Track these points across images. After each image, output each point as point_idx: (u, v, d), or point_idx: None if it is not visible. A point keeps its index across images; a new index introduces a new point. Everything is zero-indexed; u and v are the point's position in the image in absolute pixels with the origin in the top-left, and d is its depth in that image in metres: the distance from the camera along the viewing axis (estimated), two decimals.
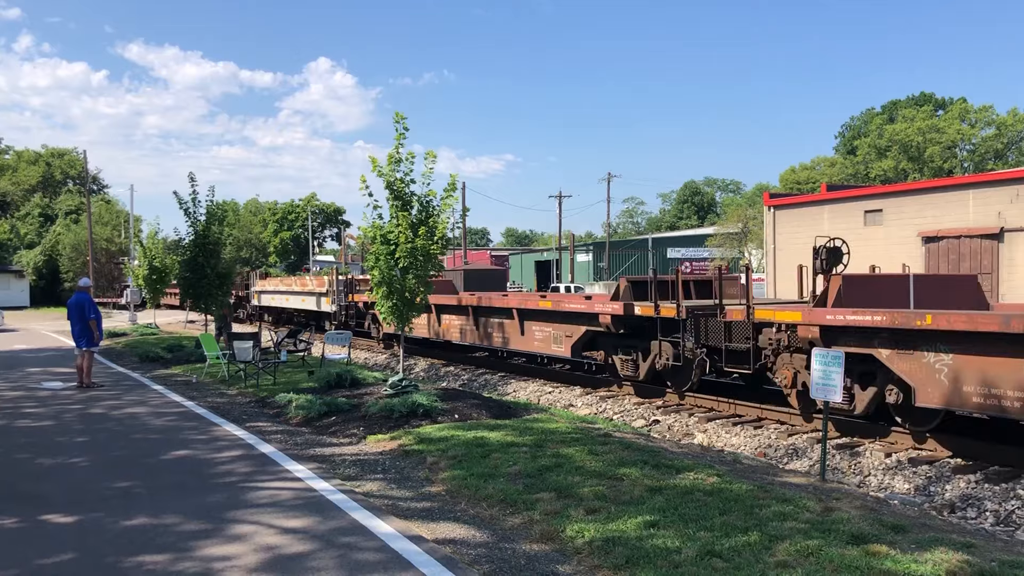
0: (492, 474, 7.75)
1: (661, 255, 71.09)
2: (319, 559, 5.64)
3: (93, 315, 15.51)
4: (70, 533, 6.33)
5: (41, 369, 18.90)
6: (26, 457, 9.19)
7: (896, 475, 9.36)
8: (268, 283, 35.54)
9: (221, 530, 6.33)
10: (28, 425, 11.33)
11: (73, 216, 68.57)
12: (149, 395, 14.32)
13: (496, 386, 16.88)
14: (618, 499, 6.78)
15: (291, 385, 14.58)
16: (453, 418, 10.91)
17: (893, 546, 5.55)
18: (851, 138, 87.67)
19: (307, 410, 11.65)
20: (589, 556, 5.59)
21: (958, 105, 77.58)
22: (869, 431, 10.77)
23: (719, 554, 5.42)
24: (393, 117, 12.42)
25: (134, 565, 5.56)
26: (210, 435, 10.46)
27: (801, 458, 10.36)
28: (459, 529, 6.37)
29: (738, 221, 58.34)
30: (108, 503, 7.19)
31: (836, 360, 8.21)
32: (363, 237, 13.18)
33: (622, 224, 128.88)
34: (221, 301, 21.24)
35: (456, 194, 12.77)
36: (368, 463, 8.81)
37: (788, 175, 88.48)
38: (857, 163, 79.93)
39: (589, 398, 14.77)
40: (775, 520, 6.15)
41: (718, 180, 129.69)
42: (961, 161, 74.21)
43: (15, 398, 13.99)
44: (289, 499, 7.25)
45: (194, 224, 20.32)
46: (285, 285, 32.60)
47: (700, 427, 12.20)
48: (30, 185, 79.78)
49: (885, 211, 26.96)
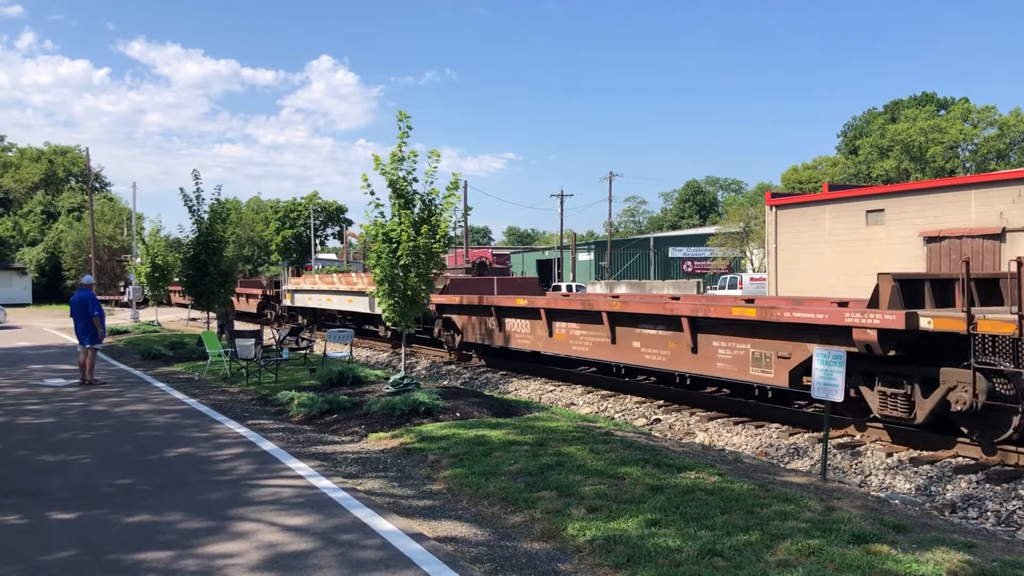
0: (493, 472, 7.76)
1: (663, 254, 71.14)
2: (321, 557, 5.65)
3: (96, 312, 15.54)
4: (72, 529, 6.35)
5: (44, 366, 18.93)
6: (28, 453, 9.21)
7: (897, 475, 9.37)
8: (304, 281, 31.73)
9: (223, 527, 6.34)
10: (31, 422, 11.35)
11: (75, 213, 68.71)
12: (151, 392, 14.34)
13: (497, 384, 16.89)
14: (619, 498, 6.79)
15: (293, 383, 14.59)
16: (455, 416, 10.92)
17: (894, 546, 5.56)
18: (853, 138, 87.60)
19: (309, 408, 11.67)
20: (590, 555, 5.60)
21: (960, 105, 77.52)
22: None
23: (720, 553, 5.43)
24: (397, 116, 12.42)
25: (136, 562, 5.57)
26: (212, 432, 10.47)
27: (802, 457, 10.37)
28: (460, 527, 6.38)
29: (740, 221, 58.33)
30: (110, 500, 7.21)
31: (837, 360, 8.20)
32: (365, 235, 13.18)
33: (624, 223, 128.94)
34: (223, 299, 21.25)
35: (458, 193, 12.78)
36: (370, 461, 8.82)
37: (790, 175, 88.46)
38: (859, 163, 79.87)
39: (590, 396, 14.77)
40: (776, 519, 6.16)
41: (720, 179, 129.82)
42: (963, 161, 74.16)
43: (18, 395, 14.02)
44: (291, 497, 7.26)
45: (198, 222, 20.33)
46: (326, 283, 29.08)
47: (701, 426, 12.21)
48: (33, 182, 79.87)
49: (887, 211, 26.93)
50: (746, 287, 40.46)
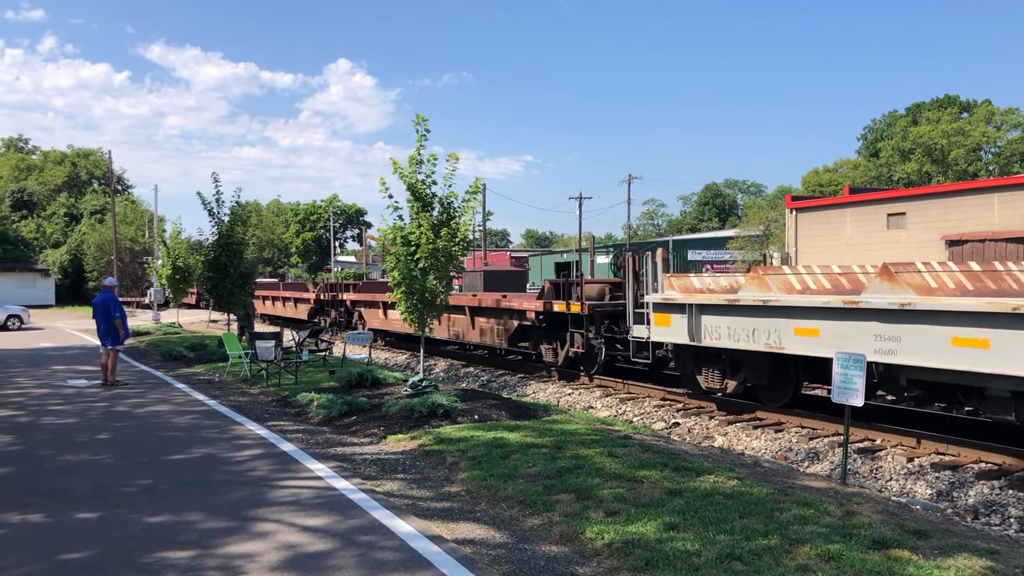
0: (511, 475, 7.77)
1: (682, 257, 70.80)
2: (340, 557, 5.68)
3: (118, 314, 15.68)
4: (94, 528, 6.41)
5: (66, 367, 19.13)
6: (51, 453, 9.31)
7: (918, 480, 9.29)
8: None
9: (243, 527, 6.39)
10: (54, 422, 11.47)
11: (98, 216, 69.28)
12: (172, 393, 14.46)
13: (515, 387, 16.89)
14: (637, 501, 6.78)
15: (312, 384, 14.66)
16: (472, 418, 10.93)
17: (915, 551, 5.51)
18: (874, 140, 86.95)
19: (328, 409, 11.72)
20: (608, 558, 5.59)
21: (983, 107, 76.77)
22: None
23: (739, 557, 5.41)
24: (414, 120, 12.44)
25: (157, 560, 5.62)
26: (232, 433, 10.54)
27: (821, 461, 10.30)
28: (479, 529, 6.39)
29: (760, 223, 58.08)
30: (131, 499, 7.27)
31: (857, 364, 8.15)
32: (383, 238, 13.23)
33: (642, 226, 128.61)
34: (244, 301, 21.39)
35: (478, 197, 12.80)
36: (388, 463, 8.85)
37: (810, 177, 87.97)
38: (880, 166, 79.29)
39: (609, 400, 14.75)
40: (795, 524, 6.12)
41: (739, 182, 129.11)
42: (986, 164, 73.46)
43: (41, 395, 14.17)
44: (310, 498, 7.30)
45: (218, 224, 20.48)
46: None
47: (720, 430, 12.15)
48: (56, 185, 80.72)
49: (908, 214, 26.75)
50: None
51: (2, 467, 8.66)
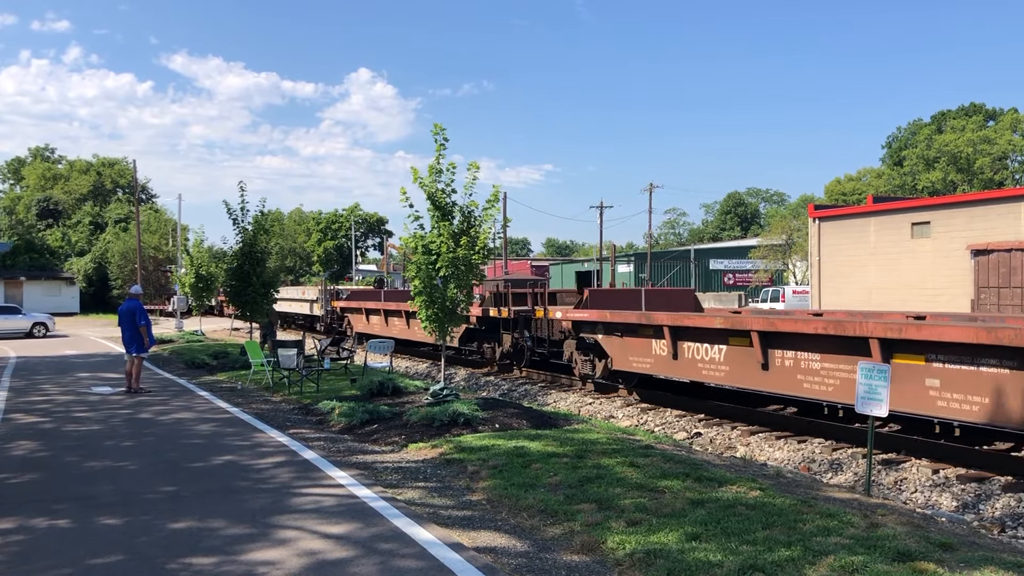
0: (532, 484, 7.76)
1: (704, 266, 70.60)
2: (361, 565, 5.70)
3: (143, 322, 15.83)
4: (119, 534, 6.48)
5: (91, 374, 19.33)
6: (77, 460, 9.41)
7: (943, 492, 9.19)
8: None
9: (265, 534, 6.43)
10: (78, 429, 11.60)
11: (122, 224, 70.03)
12: (195, 401, 14.57)
13: (536, 396, 16.88)
14: (659, 511, 6.75)
15: (334, 393, 14.72)
16: (493, 427, 10.94)
17: (941, 564, 5.45)
18: (898, 149, 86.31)
19: (349, 417, 11.77)
20: (630, 568, 5.57)
21: (1009, 115, 76.00)
22: None
23: (761, 568, 5.37)
24: (432, 129, 12.52)
25: (181, 566, 5.67)
26: (254, 441, 10.61)
27: (844, 472, 10.22)
28: (499, 538, 6.39)
29: (782, 233, 57.75)
30: (155, 506, 7.34)
31: (882, 374, 8.08)
32: (404, 247, 13.28)
33: (664, 235, 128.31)
34: (266, 309, 21.54)
35: (498, 205, 12.83)
36: (409, 471, 8.87)
37: (833, 186, 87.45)
38: (904, 174, 78.69)
39: (630, 410, 14.71)
40: (819, 535, 6.07)
41: (762, 191, 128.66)
42: (1012, 173, 72.69)
43: (66, 402, 14.33)
44: (331, 505, 7.33)
45: (242, 233, 20.65)
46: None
47: (742, 440, 12.08)
48: (81, 194, 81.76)
49: (933, 223, 26.49)
50: (788, 300, 39.96)
51: (29, 473, 8.77)
